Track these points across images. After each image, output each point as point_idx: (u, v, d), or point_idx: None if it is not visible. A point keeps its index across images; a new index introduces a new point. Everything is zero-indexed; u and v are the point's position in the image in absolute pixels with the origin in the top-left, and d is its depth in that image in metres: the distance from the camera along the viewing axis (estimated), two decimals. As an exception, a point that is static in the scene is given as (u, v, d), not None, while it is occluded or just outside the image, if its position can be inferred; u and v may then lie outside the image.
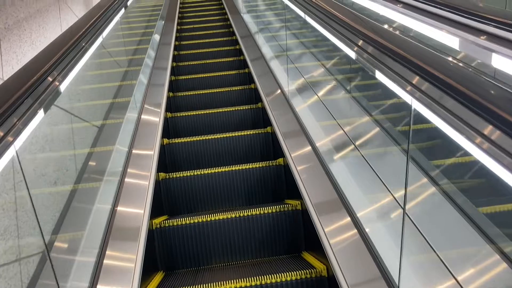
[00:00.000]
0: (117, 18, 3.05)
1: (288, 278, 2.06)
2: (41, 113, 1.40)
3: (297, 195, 2.51)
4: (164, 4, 7.18)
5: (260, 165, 3.02)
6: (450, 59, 1.16)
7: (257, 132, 3.48)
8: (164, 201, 2.98)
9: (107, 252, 1.88)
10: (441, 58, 1.16)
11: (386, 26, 1.65)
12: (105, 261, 1.81)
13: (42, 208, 1.41)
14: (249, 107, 3.93)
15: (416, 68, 1.18)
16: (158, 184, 2.89)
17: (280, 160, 3.02)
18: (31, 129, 1.31)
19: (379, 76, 1.48)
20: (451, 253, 1.41)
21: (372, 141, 2.16)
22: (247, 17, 6.31)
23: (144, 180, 2.58)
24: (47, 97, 1.44)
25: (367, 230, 1.85)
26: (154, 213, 2.56)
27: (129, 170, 2.57)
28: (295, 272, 2.07)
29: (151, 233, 2.43)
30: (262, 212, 2.54)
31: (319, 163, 2.53)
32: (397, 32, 1.55)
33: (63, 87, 1.66)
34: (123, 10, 3.36)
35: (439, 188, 1.41)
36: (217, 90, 4.41)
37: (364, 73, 2.08)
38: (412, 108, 1.28)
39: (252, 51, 4.98)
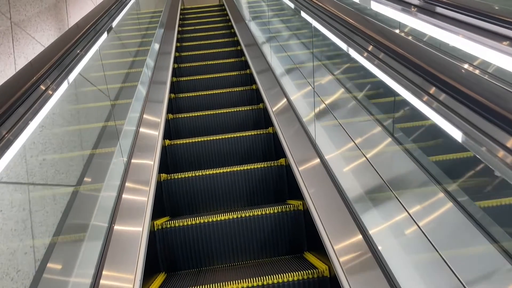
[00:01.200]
0: (95, 48, 2.37)
1: (290, 279, 2.06)
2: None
3: (299, 195, 2.51)
4: (163, 11, 6.76)
5: (262, 166, 3.01)
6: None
7: (258, 132, 3.48)
8: (166, 202, 2.98)
9: (108, 253, 1.88)
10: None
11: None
12: (106, 263, 1.81)
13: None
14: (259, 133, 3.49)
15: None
16: (159, 185, 2.89)
17: (282, 161, 3.01)
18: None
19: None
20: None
21: (376, 146, 2.15)
22: (253, 26, 5.82)
23: (145, 181, 2.58)
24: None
25: (370, 231, 1.85)
26: (156, 214, 2.56)
27: (130, 171, 2.57)
28: (297, 273, 2.07)
29: (152, 234, 2.43)
30: (263, 212, 2.53)
31: (321, 164, 2.53)
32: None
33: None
34: (105, 35, 2.61)
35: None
36: (222, 111, 3.92)
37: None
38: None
39: (259, 64, 4.50)
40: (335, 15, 2.01)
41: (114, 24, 2.96)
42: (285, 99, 3.53)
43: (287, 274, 2.07)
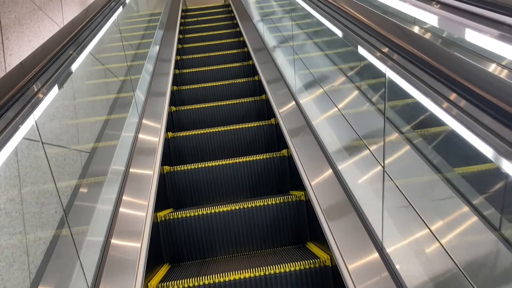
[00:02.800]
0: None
1: (292, 268, 2.07)
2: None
3: (301, 186, 2.51)
4: (161, 14, 5.96)
5: (264, 157, 3.02)
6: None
7: (261, 124, 3.48)
8: (169, 194, 3.00)
9: (112, 241, 1.90)
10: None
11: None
12: (110, 252, 1.83)
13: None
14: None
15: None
16: (163, 177, 2.90)
17: (284, 152, 3.01)
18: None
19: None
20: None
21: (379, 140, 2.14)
22: (261, 26, 5.19)
23: (148, 173, 2.59)
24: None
25: (370, 220, 1.85)
26: (159, 206, 2.57)
27: (133, 163, 2.58)
28: (299, 262, 2.08)
29: (156, 226, 2.45)
30: (266, 203, 2.54)
31: (322, 154, 2.53)
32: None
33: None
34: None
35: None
36: (228, 128, 3.49)
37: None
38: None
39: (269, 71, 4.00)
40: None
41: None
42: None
43: (289, 264, 2.08)
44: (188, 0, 9.41)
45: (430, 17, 2.05)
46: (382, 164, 1.70)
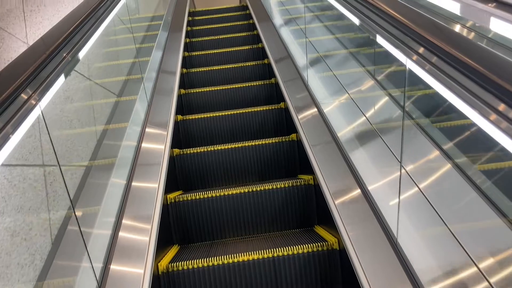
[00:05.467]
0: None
1: (300, 251, 2.09)
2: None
3: (310, 170, 2.52)
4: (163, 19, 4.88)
5: (273, 141, 3.03)
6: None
7: (270, 108, 3.48)
8: (179, 176, 3.03)
9: (123, 222, 1.93)
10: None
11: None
12: (120, 233, 1.86)
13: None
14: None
15: None
16: (172, 160, 2.93)
17: (293, 136, 3.02)
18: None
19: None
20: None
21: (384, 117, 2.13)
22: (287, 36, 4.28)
23: (158, 155, 2.61)
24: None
25: (378, 204, 1.86)
26: (168, 188, 2.60)
27: (143, 145, 2.60)
28: (306, 245, 2.10)
29: (165, 207, 2.49)
30: (274, 187, 2.56)
31: (332, 139, 2.53)
32: None
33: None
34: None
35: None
36: (237, 112, 3.30)
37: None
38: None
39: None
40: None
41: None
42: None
43: (297, 246, 2.10)
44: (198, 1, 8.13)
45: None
46: (399, 159, 1.67)
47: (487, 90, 0.99)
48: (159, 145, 2.74)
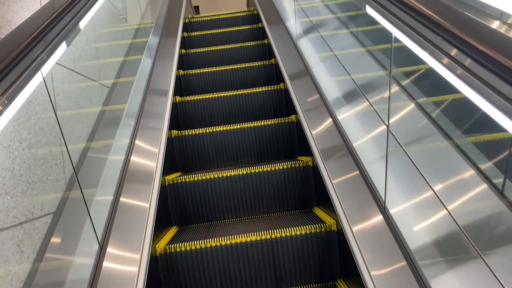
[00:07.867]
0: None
1: (298, 233, 2.09)
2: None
3: (309, 151, 2.50)
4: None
5: (273, 122, 3.00)
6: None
7: (270, 89, 3.44)
8: (177, 158, 3.02)
9: (120, 201, 1.92)
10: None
11: None
12: (117, 214, 1.85)
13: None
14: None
15: None
16: (171, 141, 2.91)
17: (293, 117, 2.99)
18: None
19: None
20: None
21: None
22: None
23: (156, 136, 2.59)
24: None
25: (376, 184, 1.84)
26: (167, 170, 2.59)
27: (140, 126, 2.58)
28: (305, 227, 2.09)
29: (164, 189, 2.48)
30: (273, 168, 2.55)
31: (332, 122, 2.50)
32: None
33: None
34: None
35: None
36: (237, 93, 3.24)
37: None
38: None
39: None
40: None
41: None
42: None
43: (295, 228, 2.10)
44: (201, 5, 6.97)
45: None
46: (387, 124, 1.67)
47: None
48: (157, 125, 2.71)
